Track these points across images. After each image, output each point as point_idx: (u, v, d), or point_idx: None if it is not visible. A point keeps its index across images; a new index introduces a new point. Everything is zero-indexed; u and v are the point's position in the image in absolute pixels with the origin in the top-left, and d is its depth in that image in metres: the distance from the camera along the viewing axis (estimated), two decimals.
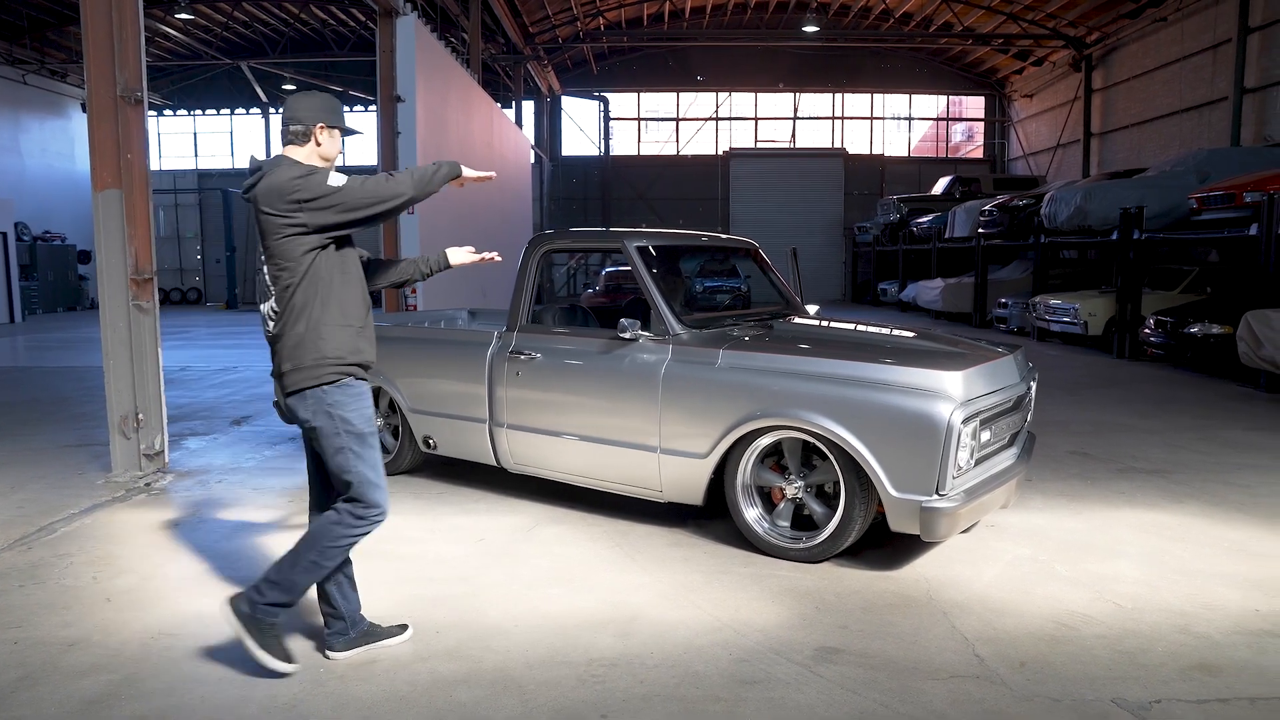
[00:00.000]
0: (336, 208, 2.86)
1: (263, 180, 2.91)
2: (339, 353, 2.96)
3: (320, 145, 3.05)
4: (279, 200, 2.86)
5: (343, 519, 2.98)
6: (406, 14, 11.50)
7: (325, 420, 2.95)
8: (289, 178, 2.86)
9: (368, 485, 2.98)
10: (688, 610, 3.55)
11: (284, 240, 2.90)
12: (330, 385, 2.95)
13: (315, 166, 2.99)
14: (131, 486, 5.52)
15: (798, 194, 29.94)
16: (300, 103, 3.06)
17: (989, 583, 3.81)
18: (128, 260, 5.58)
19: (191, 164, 30.69)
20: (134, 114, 5.55)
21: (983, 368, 4.02)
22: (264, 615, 2.97)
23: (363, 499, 2.97)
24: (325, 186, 2.85)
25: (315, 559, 2.98)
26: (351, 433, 2.96)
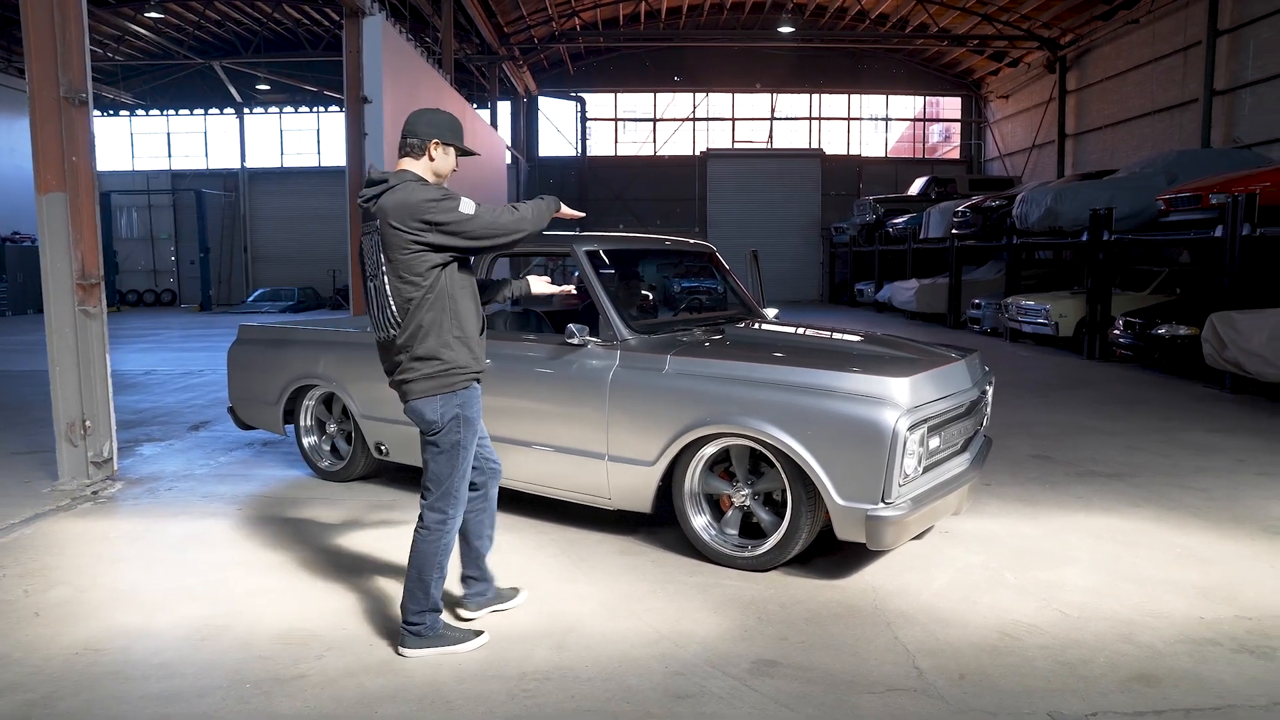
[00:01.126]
0: (464, 234, 3.04)
1: (391, 195, 3.04)
2: (464, 363, 3.17)
3: (433, 160, 3.19)
4: (410, 218, 2.99)
5: (434, 530, 3.22)
6: (374, 14, 11.39)
7: (453, 419, 3.16)
8: (423, 199, 3.00)
9: (463, 481, 3.25)
10: (628, 621, 3.49)
11: (411, 256, 3.04)
12: (462, 391, 3.19)
13: (446, 189, 3.13)
14: (78, 495, 5.40)
15: (775, 194, 29.97)
16: (420, 118, 3.20)
17: (937, 591, 3.77)
18: (73, 265, 5.45)
19: (165, 164, 30.36)
20: (79, 115, 5.43)
21: (932, 373, 3.98)
22: (430, 629, 3.24)
23: (455, 494, 3.22)
24: (457, 213, 3.01)
25: (438, 573, 3.24)
26: (471, 431, 3.22)
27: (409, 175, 3.13)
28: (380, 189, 3.08)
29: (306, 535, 4.65)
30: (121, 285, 29.28)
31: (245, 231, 30.42)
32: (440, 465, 3.21)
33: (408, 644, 3.24)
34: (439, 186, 3.14)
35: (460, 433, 3.19)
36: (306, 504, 5.23)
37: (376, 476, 5.76)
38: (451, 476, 3.22)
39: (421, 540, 3.24)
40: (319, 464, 5.82)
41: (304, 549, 4.42)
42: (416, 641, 3.24)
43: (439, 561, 3.24)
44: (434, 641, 3.25)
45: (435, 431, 3.19)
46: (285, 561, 4.26)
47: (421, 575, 3.22)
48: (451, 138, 3.20)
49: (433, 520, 3.23)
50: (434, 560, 3.22)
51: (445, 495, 3.22)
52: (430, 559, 3.22)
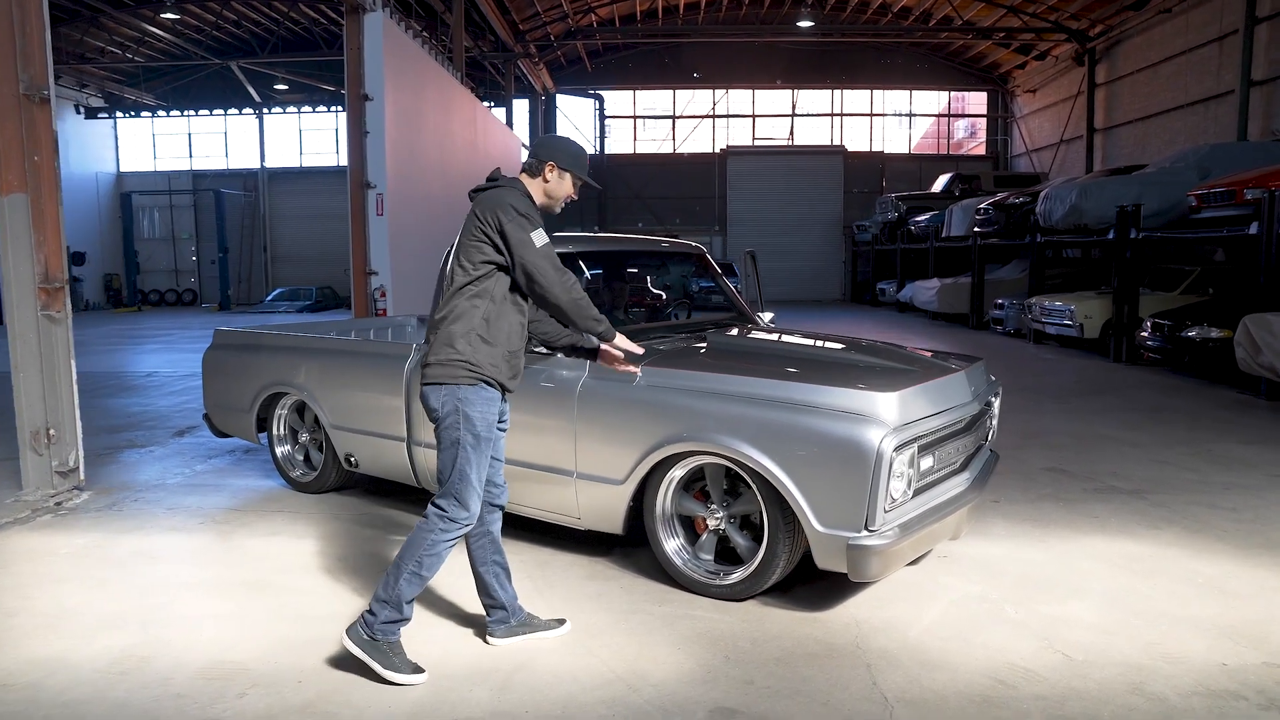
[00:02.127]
0: (514, 254, 3.03)
1: (493, 191, 3.13)
2: (477, 361, 3.07)
3: (547, 182, 3.23)
4: (489, 210, 3.05)
5: (432, 524, 3.06)
6: (374, 10, 11.16)
7: (451, 412, 3.06)
8: (510, 202, 3.06)
9: (467, 485, 3.07)
10: (583, 658, 3.19)
11: (473, 243, 3.09)
12: (466, 385, 3.07)
13: (535, 211, 3.14)
14: (39, 506, 5.19)
15: (796, 192, 29.54)
16: (546, 141, 3.29)
17: (927, 627, 3.43)
18: (36, 268, 5.24)
19: (186, 165, 30.48)
20: (40, 113, 5.22)
21: (924, 387, 3.64)
22: (383, 635, 3.02)
23: (458, 497, 3.06)
24: (524, 234, 3.03)
25: (415, 569, 3.04)
26: (471, 431, 3.05)
27: (519, 184, 3.20)
28: (487, 185, 3.19)
29: (265, 553, 4.39)
30: (143, 285, 29.45)
31: (265, 231, 30.47)
32: (444, 461, 3.11)
33: (351, 632, 3.06)
34: (534, 205, 3.16)
35: (460, 430, 3.06)
36: (273, 518, 4.98)
37: (350, 488, 5.50)
38: (452, 475, 3.07)
39: (418, 529, 3.11)
40: (291, 474, 5.57)
41: (259, 568, 4.17)
42: (358, 635, 3.04)
43: (419, 557, 3.04)
44: (372, 649, 3.01)
45: (437, 422, 3.13)
46: (236, 582, 4.00)
47: (400, 561, 3.06)
48: (569, 164, 3.25)
49: (432, 512, 3.10)
50: (417, 553, 3.05)
51: (446, 494, 3.08)
52: (414, 549, 3.06)
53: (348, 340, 5.28)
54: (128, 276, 28.62)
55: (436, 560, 3.08)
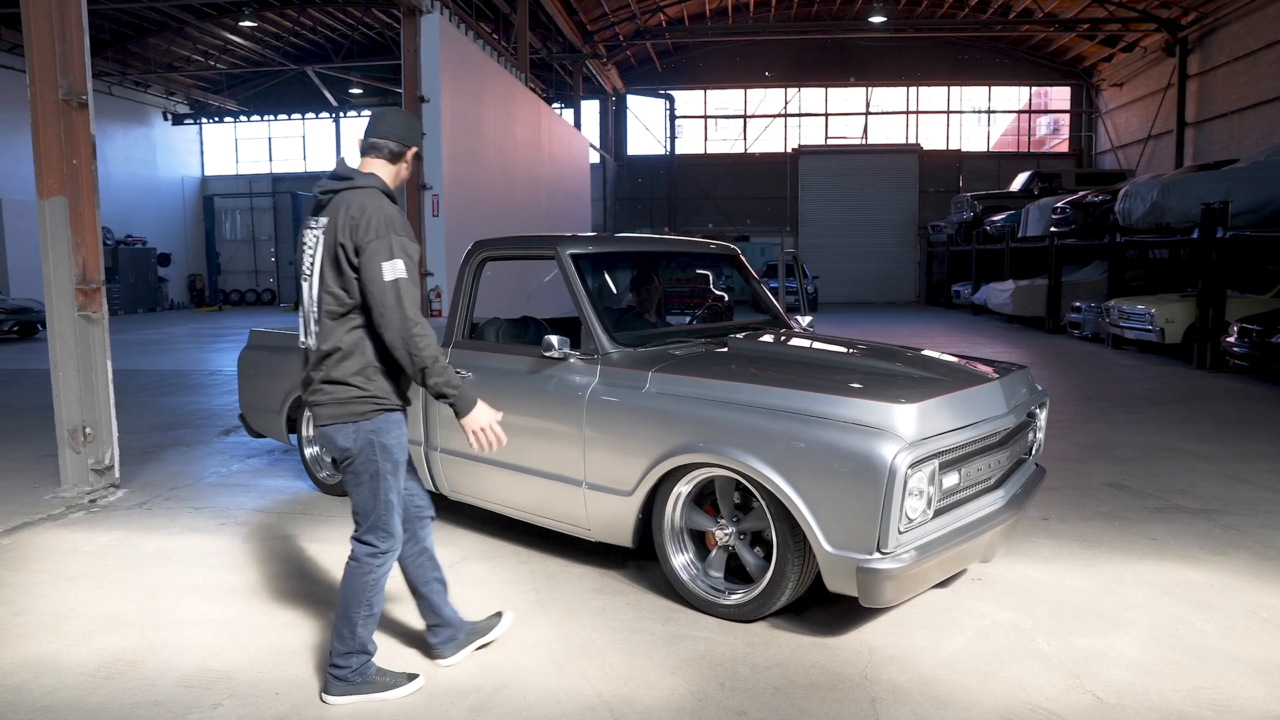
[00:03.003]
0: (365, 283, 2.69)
1: (353, 198, 2.73)
2: (380, 394, 2.84)
3: (406, 168, 2.95)
4: (350, 224, 2.70)
5: (367, 565, 2.90)
6: (431, 12, 11.21)
7: (366, 447, 2.84)
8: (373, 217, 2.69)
9: (391, 513, 2.91)
10: (571, 680, 3.03)
11: (334, 267, 2.75)
12: (375, 418, 2.84)
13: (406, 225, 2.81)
14: (74, 503, 5.28)
15: (870, 192, 28.90)
16: (399, 119, 2.91)
17: (945, 659, 3.17)
18: (74, 269, 5.33)
19: (266, 168, 31.41)
20: (79, 118, 5.31)
21: (950, 398, 3.37)
22: (359, 674, 2.92)
23: (385, 528, 2.90)
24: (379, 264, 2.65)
25: (367, 613, 2.91)
26: (390, 460, 2.88)
27: (377, 182, 2.82)
28: (343, 186, 2.78)
29: (278, 556, 4.36)
30: (224, 285, 30.44)
31: None
32: (363, 496, 2.88)
33: (331, 690, 2.91)
34: (399, 215, 2.79)
35: (378, 461, 2.85)
36: (293, 520, 4.96)
37: None
38: (376, 508, 2.88)
39: (349, 574, 2.92)
40: (319, 475, 5.56)
41: (268, 571, 4.13)
42: (341, 687, 2.91)
43: (368, 599, 2.90)
44: (361, 687, 2.91)
45: (350, 459, 2.86)
46: (242, 586, 3.96)
47: (348, 612, 2.90)
48: (420, 143, 2.97)
49: (361, 553, 2.91)
50: (361, 597, 2.89)
51: (373, 528, 2.90)
52: (357, 595, 2.89)
53: None
54: (210, 277, 29.61)
55: (381, 593, 2.95)
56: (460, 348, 4.55)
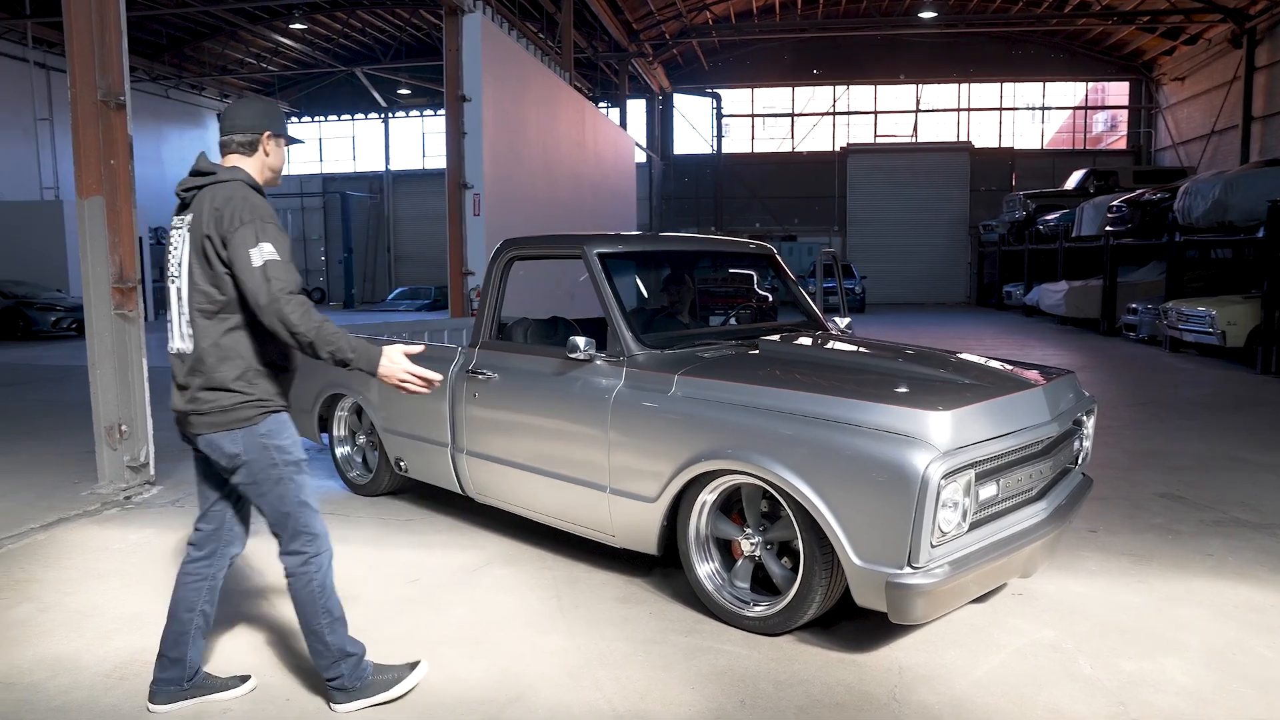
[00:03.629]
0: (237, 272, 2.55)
1: (216, 191, 2.60)
2: (264, 396, 2.71)
3: (268, 155, 2.79)
4: (214, 217, 2.58)
5: (304, 576, 2.77)
6: (473, 11, 11.22)
7: (259, 451, 2.69)
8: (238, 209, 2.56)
9: (308, 512, 2.79)
10: (586, 692, 2.93)
11: (202, 262, 2.62)
12: (262, 421, 2.70)
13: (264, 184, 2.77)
14: (109, 500, 5.33)
15: (920, 190, 28.42)
16: (244, 110, 2.78)
17: (979, 680, 3.01)
18: (111, 269, 5.38)
19: (317, 168, 31.90)
20: (117, 119, 5.35)
21: (987, 405, 3.20)
22: (357, 679, 2.83)
23: (306, 530, 2.78)
24: (246, 251, 2.52)
25: (328, 621, 2.80)
26: (289, 459, 2.74)
27: (241, 174, 2.68)
28: (206, 181, 2.65)
29: None
30: None
31: (389, 232, 31.56)
32: (272, 505, 2.74)
33: (336, 700, 2.84)
34: (264, 198, 2.67)
35: (278, 465, 2.70)
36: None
37: (404, 493, 5.42)
38: (290, 513, 2.75)
39: (293, 591, 2.81)
40: (349, 474, 5.55)
41: (280, 573, 4.09)
42: (343, 696, 2.83)
43: (324, 605, 2.79)
44: (363, 691, 2.83)
45: (243, 468, 2.70)
46: (265, 587, 3.94)
47: (311, 627, 2.80)
48: (281, 127, 2.80)
49: (293, 565, 2.78)
50: (316, 606, 2.78)
51: (294, 535, 2.76)
52: (310, 606, 2.79)
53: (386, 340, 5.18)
54: None
55: (332, 595, 2.83)
56: (487, 348, 4.49)
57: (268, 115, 2.79)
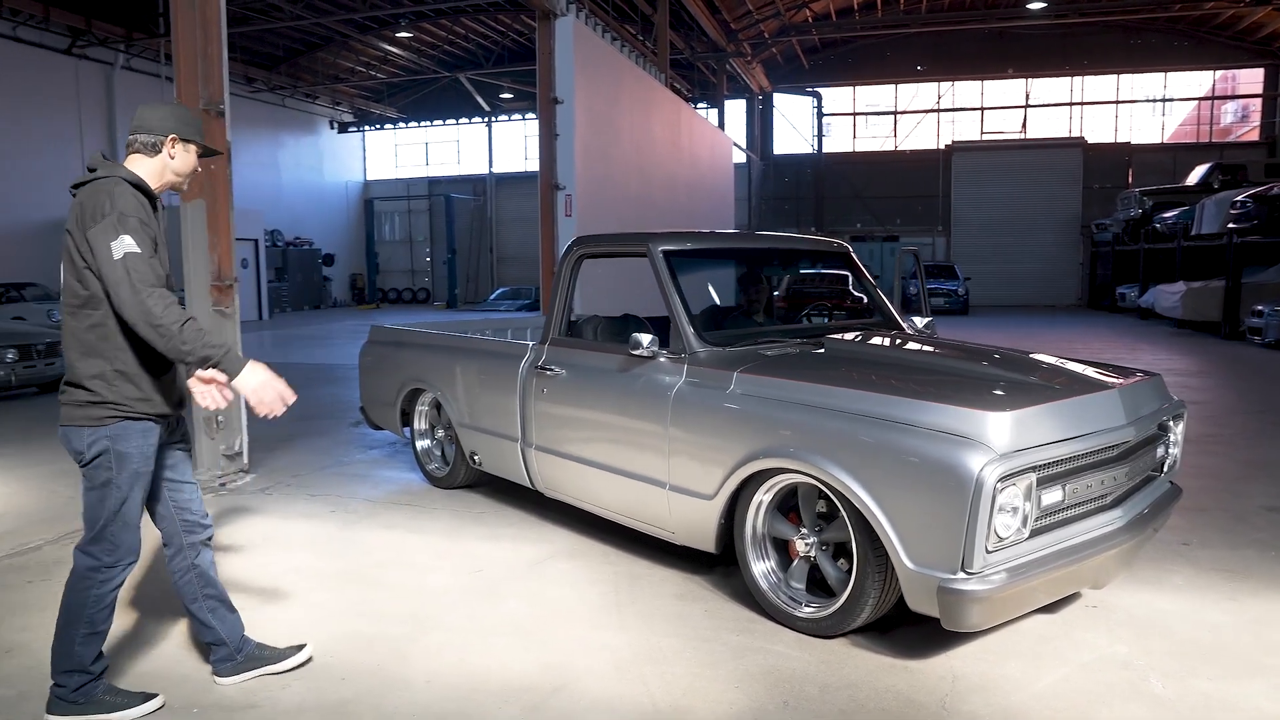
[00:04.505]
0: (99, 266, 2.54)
1: (88, 185, 2.62)
2: (120, 400, 2.66)
3: (172, 158, 2.77)
4: (77, 213, 2.60)
5: (89, 578, 2.72)
6: (565, 15, 11.38)
7: (102, 453, 2.67)
8: (101, 203, 2.55)
9: (125, 528, 2.73)
10: (631, 686, 2.95)
11: (69, 257, 2.64)
12: (113, 425, 2.66)
13: (165, 186, 2.80)
14: (206, 486, 5.62)
15: (1028, 189, 27.36)
16: (153, 112, 2.78)
17: (1038, 693, 2.88)
18: (210, 268, 5.69)
19: (423, 172, 32.92)
20: (217, 126, 5.65)
21: (1053, 406, 3.07)
22: (83, 694, 2.74)
23: (112, 541, 2.71)
24: (107, 241, 2.50)
25: (89, 631, 2.73)
26: (127, 469, 2.69)
27: (122, 172, 2.66)
28: (88, 179, 2.65)
29: (376, 545, 4.49)
30: (383, 284, 32.10)
31: (491, 233, 32.31)
32: (91, 503, 2.70)
33: (52, 708, 2.74)
34: (139, 198, 2.63)
35: (112, 470, 2.65)
36: (398, 511, 5.10)
37: (480, 486, 5.55)
38: (102, 518, 2.68)
39: (67, 588, 2.75)
40: (428, 467, 5.71)
41: (363, 560, 4.26)
42: (61, 707, 2.73)
43: (88, 616, 2.71)
44: (85, 708, 2.73)
45: (83, 463, 2.69)
46: (335, 572, 4.09)
47: (65, 629, 2.73)
48: (191, 133, 2.79)
49: (82, 565, 2.72)
50: (79, 614, 2.71)
51: (97, 539, 2.70)
52: (75, 611, 2.71)
53: (470, 339, 5.31)
54: (369, 276, 31.33)
55: (108, 611, 2.76)
56: (556, 344, 4.56)
57: (176, 119, 2.80)
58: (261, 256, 23.95)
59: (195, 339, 2.52)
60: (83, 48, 20.72)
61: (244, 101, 25.87)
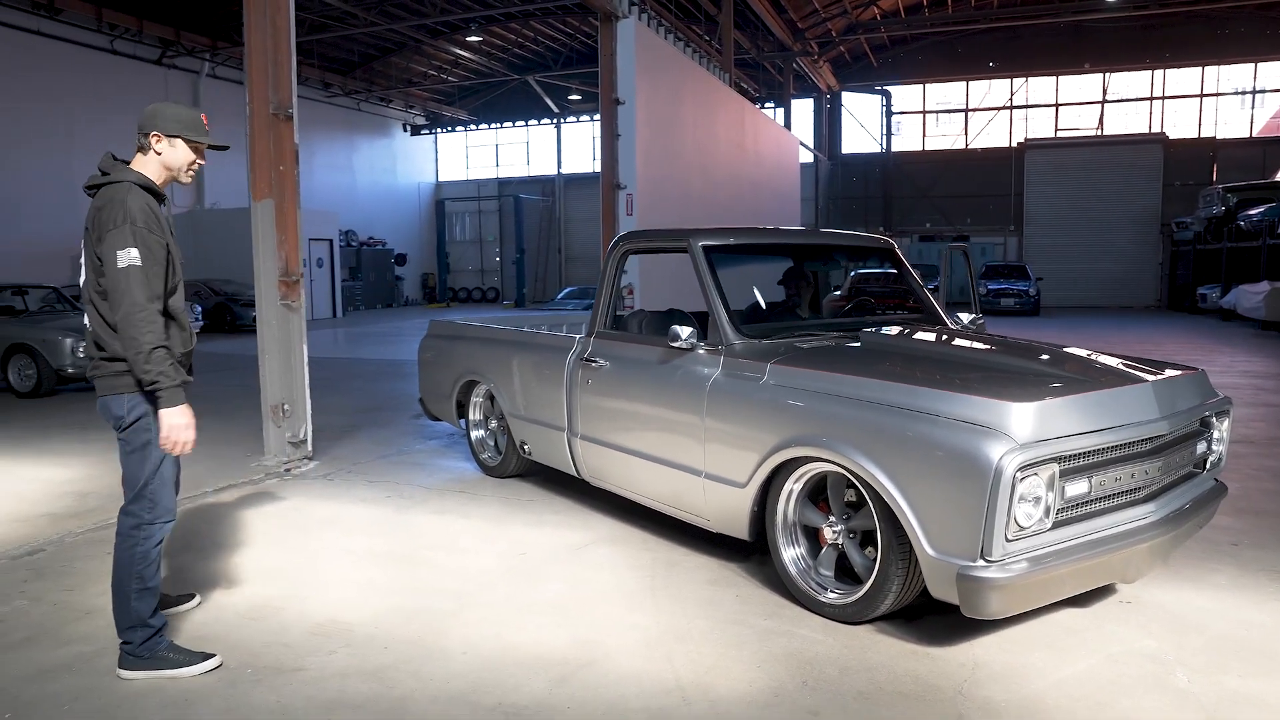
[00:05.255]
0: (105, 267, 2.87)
1: (104, 189, 2.93)
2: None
3: (159, 154, 3.03)
4: (94, 215, 2.92)
5: (134, 537, 3.00)
6: (627, 17, 11.54)
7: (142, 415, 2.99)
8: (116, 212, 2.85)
9: (163, 485, 3.04)
10: (656, 664, 3.06)
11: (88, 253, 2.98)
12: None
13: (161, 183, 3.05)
14: (272, 471, 5.93)
15: (1104, 187, 26.57)
16: (148, 111, 3.05)
17: (1058, 682, 2.90)
18: (278, 264, 5.98)
19: (493, 173, 33.52)
20: (285, 129, 5.94)
21: (1080, 398, 3.08)
22: (149, 650, 3.01)
23: (152, 499, 3.01)
24: (113, 253, 2.82)
25: (139, 587, 3.00)
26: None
27: (132, 175, 2.96)
28: (102, 181, 2.95)
29: (427, 529, 4.69)
30: (453, 284, 32.77)
31: (560, 233, 32.73)
32: (131, 465, 3.01)
33: (122, 664, 3.01)
34: (149, 204, 2.92)
35: (151, 432, 2.96)
36: (451, 498, 5.30)
37: (530, 476, 5.72)
38: (142, 478, 2.98)
39: (116, 548, 3.03)
40: (481, 456, 5.90)
41: (414, 542, 4.45)
42: (132, 661, 3.00)
43: (137, 572, 2.98)
44: (151, 663, 2.99)
45: (122, 428, 2.99)
46: (386, 552, 4.29)
47: (120, 586, 3.00)
48: (175, 129, 3.01)
49: (125, 525, 3.01)
50: (129, 570, 2.98)
51: (138, 498, 2.99)
52: (125, 569, 2.99)
53: (520, 332, 5.48)
54: (440, 275, 32.01)
55: (154, 567, 3.02)
56: (601, 337, 4.69)
57: (157, 116, 3.02)
58: (336, 256, 24.70)
59: (157, 364, 2.83)
60: (172, 57, 21.72)
61: (321, 106, 26.75)
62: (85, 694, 2.90)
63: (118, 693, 2.91)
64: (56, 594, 3.78)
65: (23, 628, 3.43)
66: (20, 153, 18.81)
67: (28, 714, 2.79)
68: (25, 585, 3.90)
